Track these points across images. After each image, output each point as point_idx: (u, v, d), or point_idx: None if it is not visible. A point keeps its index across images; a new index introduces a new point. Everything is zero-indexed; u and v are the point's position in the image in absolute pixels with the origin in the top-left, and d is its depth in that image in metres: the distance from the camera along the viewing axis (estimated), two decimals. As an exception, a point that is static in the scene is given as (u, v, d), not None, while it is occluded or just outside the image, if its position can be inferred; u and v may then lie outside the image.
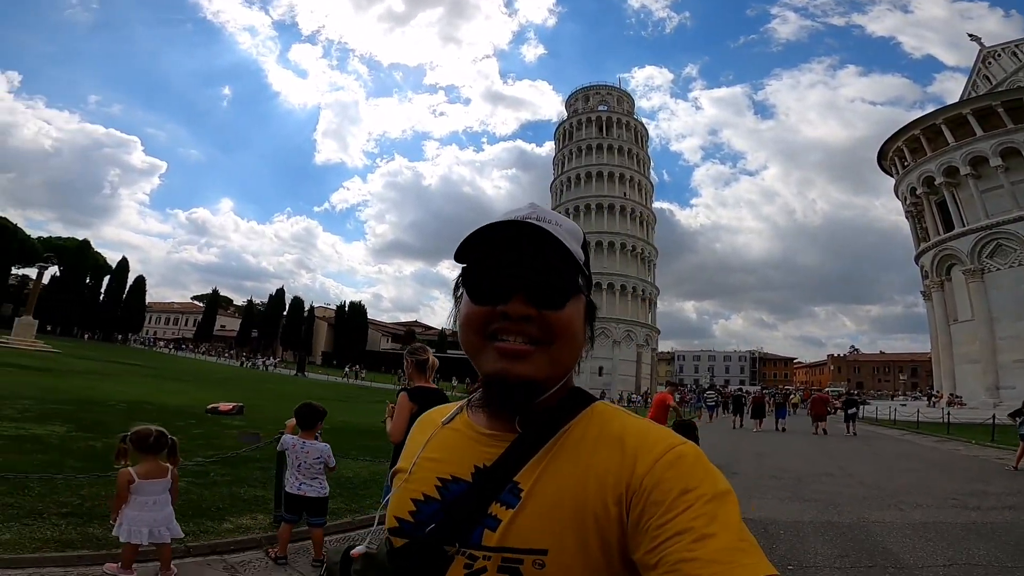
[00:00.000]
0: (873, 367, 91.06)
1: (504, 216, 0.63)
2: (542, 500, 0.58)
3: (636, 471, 0.55)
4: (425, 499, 0.64)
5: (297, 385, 28.13)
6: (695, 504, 0.50)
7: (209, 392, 16.50)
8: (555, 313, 0.59)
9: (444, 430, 0.70)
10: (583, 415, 0.63)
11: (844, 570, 3.98)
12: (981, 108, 32.88)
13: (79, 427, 7.50)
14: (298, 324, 72.67)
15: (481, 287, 0.61)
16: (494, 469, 0.61)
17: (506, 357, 0.59)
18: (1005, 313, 28.34)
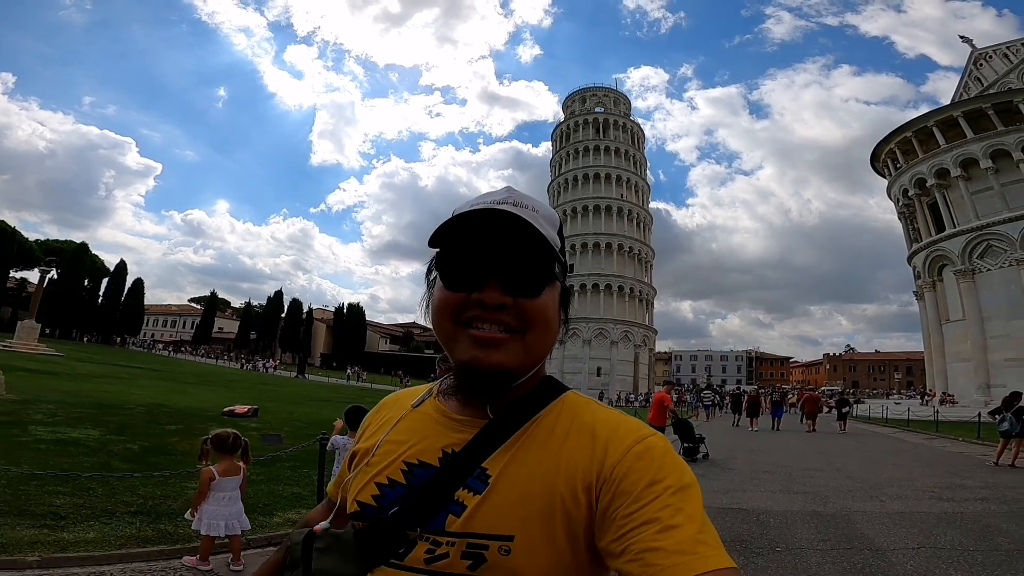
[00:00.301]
0: (868, 366, 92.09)
1: (479, 200, 0.64)
2: (510, 487, 0.58)
3: (607, 461, 0.56)
4: (390, 483, 0.64)
5: (300, 387, 28.54)
6: (662, 495, 0.52)
7: (218, 394, 16.94)
8: (530, 301, 0.60)
9: (413, 413, 0.70)
10: (554, 404, 0.64)
11: (825, 552, 4.47)
12: (972, 110, 33.48)
13: (109, 430, 7.91)
14: (297, 326, 72.91)
15: (455, 273, 0.61)
16: (462, 454, 0.62)
17: (480, 345, 0.59)
18: (996, 313, 28.99)
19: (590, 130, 58.40)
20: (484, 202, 0.62)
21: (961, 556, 4.33)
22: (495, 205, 0.61)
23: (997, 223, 30.17)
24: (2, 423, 7.43)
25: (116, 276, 61.98)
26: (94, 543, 3.40)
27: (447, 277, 0.61)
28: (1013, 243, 29.20)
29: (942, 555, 4.37)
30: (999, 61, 42.59)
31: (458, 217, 0.60)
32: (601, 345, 51.33)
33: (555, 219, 0.66)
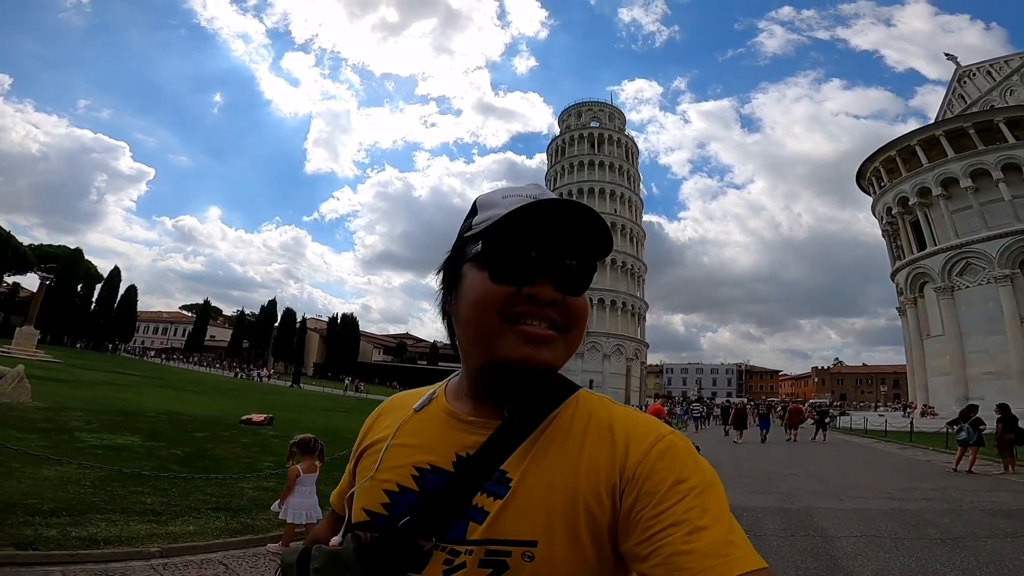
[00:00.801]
0: (856, 379, 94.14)
1: (514, 192, 0.62)
2: (533, 490, 0.56)
3: (628, 461, 0.55)
4: (400, 490, 0.61)
5: (299, 397, 29.13)
6: (688, 496, 0.50)
7: (224, 403, 17.63)
8: (576, 299, 0.58)
9: (417, 416, 0.67)
10: (568, 402, 0.62)
11: (784, 538, 5.38)
12: (953, 129, 34.83)
13: (146, 437, 8.64)
14: (290, 335, 73.38)
15: (508, 265, 0.57)
16: (478, 457, 0.59)
17: (532, 342, 0.56)
18: (974, 329, 30.30)
19: (585, 145, 59.86)
20: (529, 194, 0.60)
21: (892, 543, 5.25)
22: (540, 198, 0.59)
23: (976, 241, 31.48)
24: (50, 430, 8.17)
25: (109, 283, 62.30)
26: (196, 535, 4.14)
27: (497, 269, 0.57)
28: (991, 261, 30.50)
29: (877, 541, 5.29)
30: (982, 78, 43.98)
31: (527, 207, 0.57)
32: (594, 358, 52.31)
33: None
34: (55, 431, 8.15)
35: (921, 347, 34.17)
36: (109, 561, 3.39)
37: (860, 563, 4.58)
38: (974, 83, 44.76)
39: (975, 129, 33.70)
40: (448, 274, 0.64)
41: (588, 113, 63.06)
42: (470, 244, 0.60)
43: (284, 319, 74.40)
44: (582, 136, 60.41)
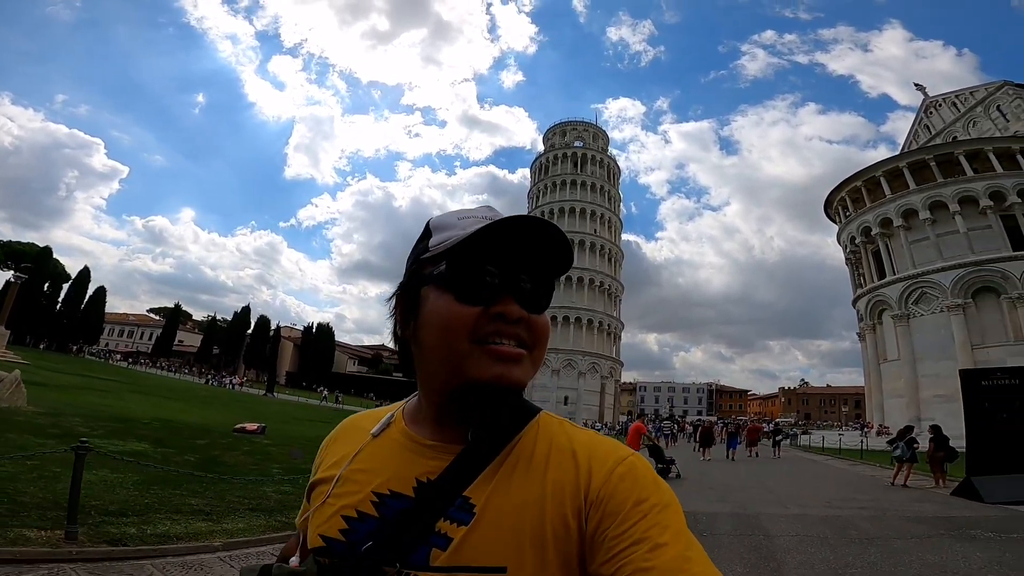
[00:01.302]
0: (820, 399, 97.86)
1: (469, 213, 0.62)
2: (499, 516, 0.55)
3: (592, 483, 0.55)
4: (359, 516, 0.60)
5: (276, 406, 29.35)
6: (649, 514, 0.52)
7: (209, 411, 18.01)
8: (539, 317, 0.59)
9: (376, 442, 0.66)
10: (530, 426, 0.62)
11: (734, 536, 6.40)
12: (915, 161, 37.10)
13: (153, 444, 9.21)
14: (263, 343, 72.55)
15: (475, 286, 0.57)
16: (440, 483, 0.58)
17: (503, 361, 0.56)
18: (927, 354, 32.43)
19: (568, 164, 61.63)
20: (485, 215, 0.60)
21: (820, 541, 6.33)
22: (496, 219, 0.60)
23: (931, 272, 33.65)
24: (63, 435, 8.68)
25: (78, 283, 60.89)
26: (246, 531, 4.84)
27: (463, 290, 0.57)
28: (944, 291, 32.73)
29: (808, 540, 6.36)
30: (948, 109, 46.65)
31: (489, 227, 0.56)
32: (569, 375, 53.46)
33: None
34: (68, 436, 8.65)
35: (878, 370, 36.32)
36: (185, 555, 4.09)
37: (791, 555, 5.62)
38: (939, 114, 47.38)
39: (936, 161, 36.03)
40: (404, 299, 0.64)
41: (572, 132, 64.98)
42: (429, 266, 0.60)
43: (257, 326, 73.59)
44: (565, 155, 62.17)
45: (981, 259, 32.05)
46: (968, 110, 43.93)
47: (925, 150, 38.86)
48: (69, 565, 3.53)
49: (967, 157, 35.10)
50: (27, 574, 3.35)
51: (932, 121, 47.97)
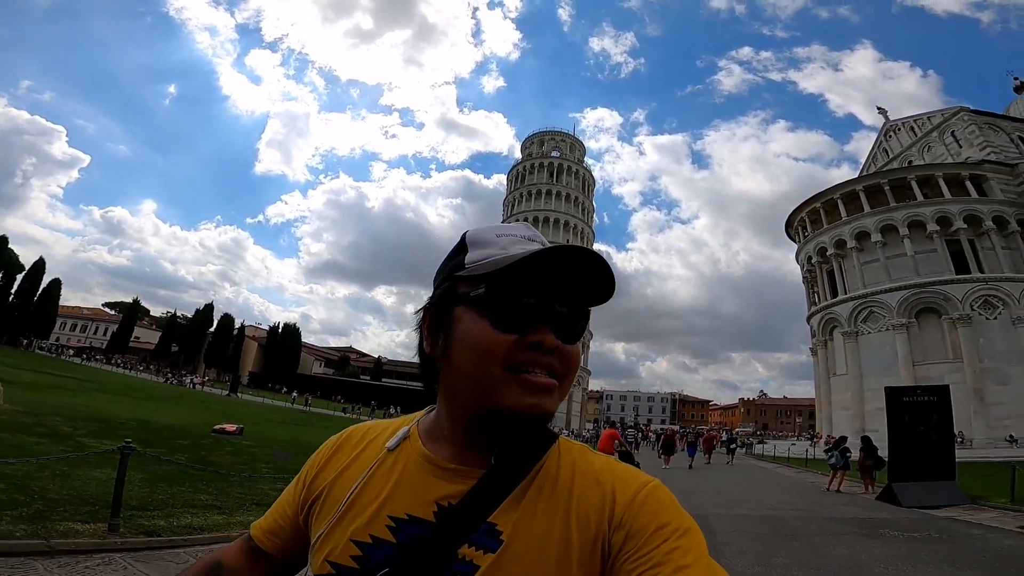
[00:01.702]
0: (777, 410, 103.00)
1: (509, 231, 0.63)
2: (527, 544, 0.55)
3: (616, 509, 0.56)
4: (374, 542, 0.58)
5: (242, 407, 29.22)
6: (670, 538, 0.52)
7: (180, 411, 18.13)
8: (572, 347, 0.59)
9: (389, 458, 0.64)
10: (552, 451, 0.62)
11: (680, 533, 7.38)
12: (871, 185, 39.33)
13: (141, 444, 9.56)
14: (226, 342, 71.06)
15: (512, 313, 0.56)
16: (463, 508, 0.57)
17: (535, 392, 0.56)
18: (873, 370, 34.68)
19: (544, 174, 63.00)
20: (523, 235, 0.62)
21: (755, 535, 7.35)
22: (546, 244, 0.60)
23: (879, 292, 35.94)
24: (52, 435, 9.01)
25: (32, 274, 58.44)
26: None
27: (502, 317, 0.56)
28: (891, 311, 35.06)
29: (745, 535, 7.37)
30: (906, 134, 49.02)
31: (534, 255, 0.55)
32: (538, 380, 54.47)
33: None
34: (57, 436, 8.99)
35: (828, 384, 38.58)
36: (210, 543, 4.65)
37: (728, 547, 6.58)
38: (898, 137, 49.87)
39: (890, 186, 38.29)
40: (435, 315, 0.62)
41: (550, 142, 66.44)
42: (465, 286, 0.59)
43: (221, 324, 72.00)
44: (543, 165, 63.51)
45: (925, 281, 34.50)
46: (924, 135, 46.41)
47: (880, 174, 41.40)
48: (118, 554, 4.10)
49: (918, 182, 37.55)
50: (83, 563, 3.91)
51: (891, 144, 50.73)
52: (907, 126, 49.29)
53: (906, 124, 49.58)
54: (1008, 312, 32.06)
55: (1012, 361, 31.12)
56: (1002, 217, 34.76)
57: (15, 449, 7.23)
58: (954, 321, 32.83)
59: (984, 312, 32.60)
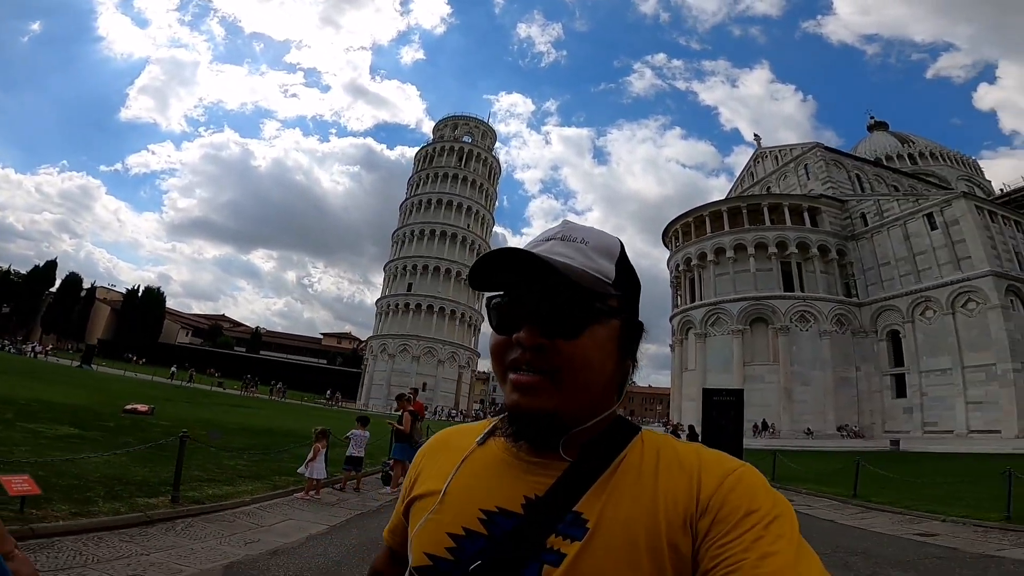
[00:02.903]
0: (642, 398, 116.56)
1: (535, 240, 0.67)
2: (613, 530, 0.57)
3: (702, 493, 0.57)
4: (467, 534, 0.61)
5: (112, 382, 27.76)
6: (759, 524, 0.53)
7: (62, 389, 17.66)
8: (567, 342, 0.59)
9: (478, 452, 0.68)
10: (635, 442, 0.64)
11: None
12: (732, 208, 46.58)
13: (79, 428, 10.39)
14: (71, 305, 63.43)
15: (496, 317, 0.63)
16: (549, 498, 0.59)
17: (518, 390, 0.59)
18: (715, 367, 41.95)
19: (454, 157, 64.11)
20: (534, 240, 0.66)
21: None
22: (535, 245, 0.64)
23: (724, 301, 43.21)
24: None
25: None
26: (258, 490, 7.11)
27: (492, 321, 0.64)
28: (733, 318, 42.43)
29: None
30: (770, 162, 57.79)
31: (488, 258, 0.61)
32: (429, 363, 56.67)
33: (611, 249, 0.67)
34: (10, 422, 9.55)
35: (681, 377, 45.74)
36: (238, 507, 6.34)
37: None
38: (763, 164, 58.70)
39: (747, 209, 45.61)
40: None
41: (464, 127, 67.57)
42: None
43: (66, 284, 63.99)
44: (452, 148, 64.52)
45: (760, 295, 42.27)
46: (783, 165, 55.37)
47: (741, 199, 49.21)
48: (192, 519, 5.57)
49: (769, 209, 45.16)
50: (178, 526, 5.26)
51: (757, 169, 59.71)
52: (772, 154, 58.42)
53: (772, 152, 58.73)
54: (817, 326, 40.56)
55: (815, 366, 39.59)
56: (825, 246, 43.37)
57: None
58: (777, 330, 40.84)
59: (799, 325, 40.91)
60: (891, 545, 6.73)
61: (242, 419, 17.46)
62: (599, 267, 0.62)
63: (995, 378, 32.53)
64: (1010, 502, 7.84)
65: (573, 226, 0.67)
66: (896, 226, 40.02)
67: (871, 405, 39.17)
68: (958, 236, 35.98)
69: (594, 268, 0.62)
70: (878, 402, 39.04)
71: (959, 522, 7.90)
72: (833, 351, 39.63)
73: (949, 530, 7.54)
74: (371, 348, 60.06)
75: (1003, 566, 5.63)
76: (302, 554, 4.86)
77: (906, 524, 8.09)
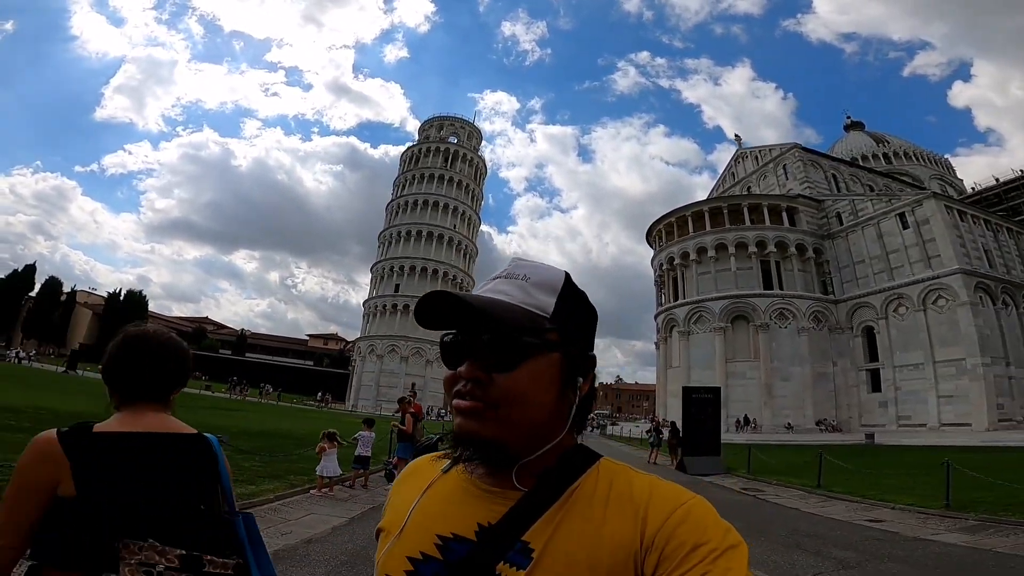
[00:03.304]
0: (629, 395, 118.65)
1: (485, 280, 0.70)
2: (557, 560, 0.58)
3: (648, 529, 0.57)
4: (424, 558, 0.63)
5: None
6: (706, 558, 0.53)
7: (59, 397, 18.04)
8: (504, 376, 0.61)
9: (442, 481, 0.71)
10: (590, 472, 0.65)
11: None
12: (714, 208, 47.87)
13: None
14: (50, 310, 62.74)
15: (445, 353, 0.66)
16: (500, 527, 0.61)
17: (460, 413, 0.62)
18: (698, 364, 43.23)
19: (440, 158, 64.61)
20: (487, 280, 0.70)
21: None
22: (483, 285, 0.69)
23: (707, 300, 44.45)
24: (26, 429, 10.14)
25: None
26: (278, 489, 7.78)
27: (443, 357, 0.67)
28: (715, 316, 43.69)
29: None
30: (751, 162, 59.31)
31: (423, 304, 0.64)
32: (418, 363, 57.26)
33: (553, 284, 0.68)
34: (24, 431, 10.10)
35: (666, 374, 47.01)
36: (271, 502, 7.06)
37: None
38: (744, 164, 60.20)
39: (728, 210, 46.96)
40: None
41: (449, 127, 68.10)
42: None
43: (45, 289, 63.34)
44: (438, 149, 65.01)
45: (741, 293, 43.61)
46: (763, 165, 56.93)
47: (722, 199, 50.63)
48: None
49: (749, 209, 46.53)
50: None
51: (738, 169, 61.27)
52: (752, 155, 60.04)
53: (752, 153, 60.38)
54: (796, 323, 42.00)
55: (794, 362, 41.05)
56: (803, 244, 44.88)
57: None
58: (757, 327, 42.20)
59: (779, 322, 42.34)
60: (840, 529, 7.68)
61: (238, 422, 18.01)
62: (536, 302, 0.64)
63: (965, 372, 34.12)
64: (948, 491, 8.76)
65: (520, 263, 0.70)
66: (870, 225, 41.62)
67: (848, 399, 40.70)
68: (928, 235, 37.61)
69: (531, 303, 0.64)
70: (855, 396, 40.56)
71: (906, 510, 8.85)
72: (811, 347, 41.13)
73: (896, 516, 8.50)
74: (359, 349, 60.42)
75: (930, 548, 6.51)
76: (332, 541, 5.63)
77: (860, 511, 9.06)
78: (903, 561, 5.94)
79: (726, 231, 46.14)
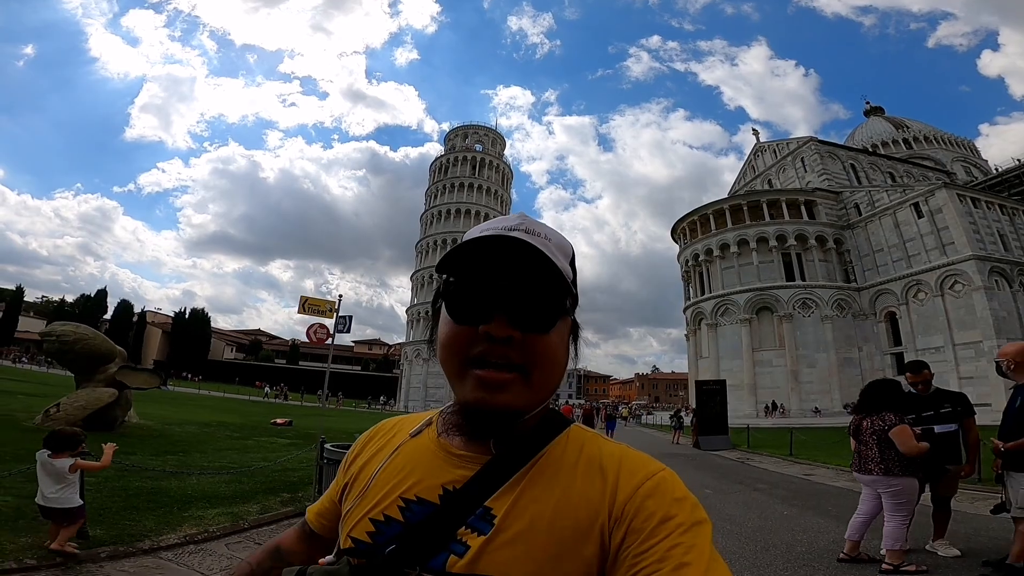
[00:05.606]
0: (666, 384, 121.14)
1: (490, 226, 0.64)
2: (518, 528, 0.58)
3: (617, 499, 0.57)
4: (386, 520, 0.64)
5: (231, 404, 33.66)
6: (674, 532, 0.54)
7: (195, 411, 23.40)
8: (540, 337, 0.60)
9: (410, 443, 0.70)
10: (559, 439, 0.65)
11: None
12: (734, 205, 51.22)
13: (281, 438, 15.93)
14: (124, 330, 70.36)
15: (463, 305, 0.60)
16: (464, 492, 0.62)
17: (485, 387, 0.59)
18: (726, 354, 46.84)
19: (467, 167, 69.32)
20: (495, 228, 0.63)
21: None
22: (506, 232, 0.61)
23: (732, 293, 47.95)
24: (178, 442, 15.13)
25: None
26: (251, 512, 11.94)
27: (454, 309, 0.61)
28: (740, 308, 47.15)
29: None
30: (769, 155, 62.30)
31: (466, 244, 0.60)
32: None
33: (568, 249, 0.67)
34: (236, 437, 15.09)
35: (696, 364, 50.67)
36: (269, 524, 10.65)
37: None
38: (763, 158, 63.24)
39: (748, 206, 50.24)
40: (433, 313, 0.69)
41: (474, 135, 72.78)
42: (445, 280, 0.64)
43: (119, 311, 71.03)
44: (465, 158, 69.70)
45: (764, 286, 46.90)
46: (781, 158, 59.73)
47: (741, 197, 53.63)
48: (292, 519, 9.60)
49: (768, 204, 49.64)
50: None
51: (757, 163, 64.13)
52: (771, 148, 62.88)
53: (770, 147, 63.23)
54: (819, 312, 45.10)
55: (819, 349, 44.19)
56: (823, 236, 47.80)
57: (231, 452, 13.56)
58: (781, 318, 45.50)
59: (802, 311, 45.51)
60: (782, 480, 11.76)
61: (342, 425, 23.05)
62: (562, 265, 0.62)
63: (983, 354, 36.60)
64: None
65: (531, 220, 0.66)
66: (887, 215, 44.32)
67: (873, 382, 43.62)
68: (942, 223, 40.22)
69: (561, 265, 0.62)
70: (880, 379, 43.45)
71: (835, 469, 12.68)
72: (835, 334, 44.18)
73: (826, 473, 12.44)
74: (406, 354, 65.83)
75: (829, 490, 10.27)
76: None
77: (805, 469, 13.15)
78: (781, 487, 10.06)
79: (747, 227, 49.33)
